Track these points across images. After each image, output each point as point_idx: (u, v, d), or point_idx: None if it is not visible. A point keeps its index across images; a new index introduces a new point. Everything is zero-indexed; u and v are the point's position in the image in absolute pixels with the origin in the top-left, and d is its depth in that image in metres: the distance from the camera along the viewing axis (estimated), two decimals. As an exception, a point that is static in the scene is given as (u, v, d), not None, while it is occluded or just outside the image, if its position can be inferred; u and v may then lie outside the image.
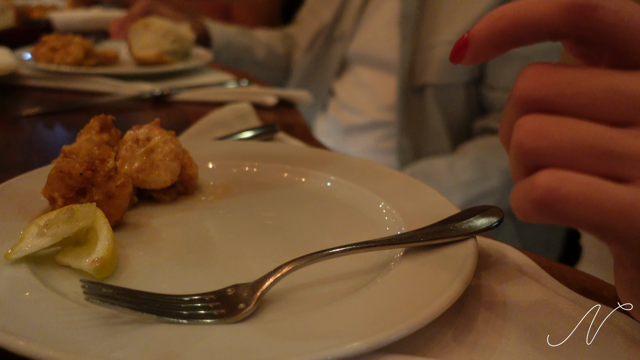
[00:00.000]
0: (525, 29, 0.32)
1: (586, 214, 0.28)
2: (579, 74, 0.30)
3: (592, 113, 0.29)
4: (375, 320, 0.37)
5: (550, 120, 0.30)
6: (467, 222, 0.48)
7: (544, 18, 0.31)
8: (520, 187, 0.30)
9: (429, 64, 1.39)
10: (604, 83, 0.29)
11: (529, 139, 0.30)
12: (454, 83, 1.39)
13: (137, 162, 0.56)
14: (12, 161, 0.76)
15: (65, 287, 0.42)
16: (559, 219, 0.29)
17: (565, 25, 0.31)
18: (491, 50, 0.34)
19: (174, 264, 0.47)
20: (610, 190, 0.28)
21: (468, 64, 0.35)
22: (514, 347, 0.38)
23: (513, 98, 0.32)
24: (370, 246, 0.45)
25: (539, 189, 0.28)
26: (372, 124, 1.52)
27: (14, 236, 0.46)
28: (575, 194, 0.28)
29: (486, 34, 0.33)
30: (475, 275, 0.46)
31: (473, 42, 0.34)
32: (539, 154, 0.29)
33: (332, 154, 0.70)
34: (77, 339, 0.35)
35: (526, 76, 0.31)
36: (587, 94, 0.29)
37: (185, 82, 1.18)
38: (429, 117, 1.42)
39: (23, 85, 1.14)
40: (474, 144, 1.36)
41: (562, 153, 0.29)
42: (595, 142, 0.29)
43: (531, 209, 0.29)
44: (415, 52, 1.41)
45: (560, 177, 0.28)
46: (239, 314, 0.38)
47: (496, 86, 1.37)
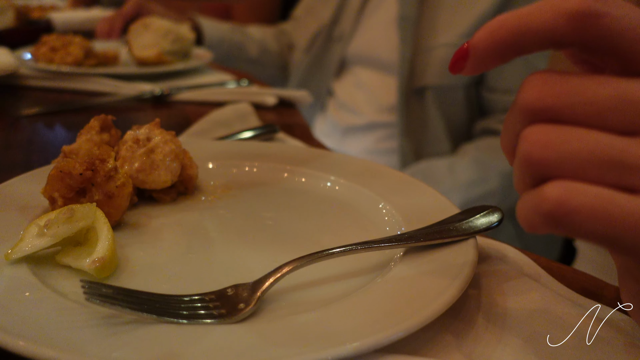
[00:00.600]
0: (528, 38, 0.31)
1: (598, 226, 0.27)
2: (585, 82, 0.29)
3: (600, 122, 0.29)
4: (375, 321, 0.37)
5: (557, 130, 0.29)
6: (467, 222, 0.48)
7: (547, 27, 0.30)
8: (527, 199, 0.30)
9: (428, 65, 1.39)
10: (612, 91, 0.29)
11: (536, 150, 0.29)
12: (453, 85, 1.39)
13: (137, 162, 0.56)
14: (12, 161, 0.77)
15: (65, 287, 0.42)
16: (569, 231, 0.28)
17: (570, 34, 0.30)
18: (492, 61, 0.33)
19: (174, 264, 0.47)
20: (621, 202, 0.27)
21: (468, 74, 0.34)
22: (514, 347, 0.38)
23: (517, 107, 0.31)
24: (370, 246, 0.45)
25: (549, 201, 0.28)
26: (371, 124, 1.52)
27: (14, 236, 0.46)
28: (587, 206, 0.27)
29: (487, 44, 0.32)
30: (475, 275, 0.46)
31: (473, 52, 0.33)
32: (547, 165, 0.29)
33: (332, 154, 0.70)
34: (77, 339, 0.35)
35: (531, 85, 0.30)
36: (595, 103, 0.29)
37: (185, 82, 1.18)
38: (429, 118, 1.42)
39: (23, 85, 1.14)
40: (474, 145, 1.36)
41: (571, 164, 0.28)
42: (604, 152, 0.28)
43: (540, 221, 0.29)
44: (415, 54, 1.41)
45: (570, 188, 0.28)
46: (239, 314, 0.38)
47: (496, 88, 1.37)
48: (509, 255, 0.49)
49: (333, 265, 0.45)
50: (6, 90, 1.11)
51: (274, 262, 0.43)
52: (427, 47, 1.39)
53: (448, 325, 0.40)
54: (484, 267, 0.48)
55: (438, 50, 1.38)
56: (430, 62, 1.39)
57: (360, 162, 0.66)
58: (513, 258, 0.49)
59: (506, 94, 1.35)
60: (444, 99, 1.40)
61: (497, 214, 0.48)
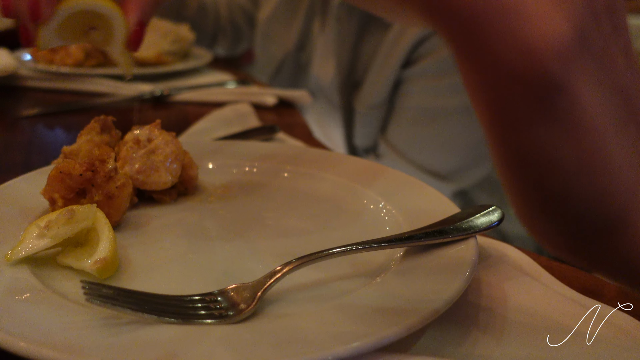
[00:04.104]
0: None
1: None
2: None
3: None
4: (376, 320, 0.37)
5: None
6: (467, 222, 0.48)
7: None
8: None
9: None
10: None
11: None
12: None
13: (137, 163, 0.56)
14: (12, 162, 0.77)
15: (65, 288, 0.42)
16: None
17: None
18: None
19: (174, 264, 0.47)
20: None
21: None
22: (514, 346, 0.38)
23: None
24: (370, 246, 0.45)
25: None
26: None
27: (15, 237, 0.47)
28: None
29: None
30: (475, 275, 0.46)
31: None
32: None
33: (332, 154, 0.70)
34: (77, 339, 0.35)
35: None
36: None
37: (185, 82, 1.18)
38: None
39: (23, 86, 1.14)
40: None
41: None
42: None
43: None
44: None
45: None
46: (239, 314, 0.38)
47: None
48: (509, 254, 0.49)
49: (333, 265, 0.45)
50: (6, 91, 1.11)
51: (274, 262, 0.43)
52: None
53: (448, 325, 0.40)
54: (484, 267, 0.48)
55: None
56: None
57: (361, 162, 0.66)
58: (513, 257, 0.49)
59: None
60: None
61: (497, 214, 0.48)
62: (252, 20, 1.66)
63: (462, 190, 1.37)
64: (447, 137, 1.25)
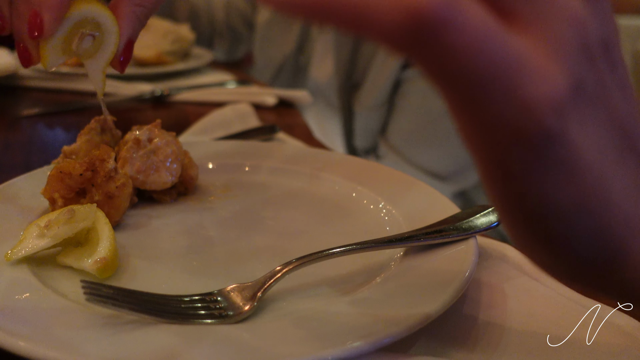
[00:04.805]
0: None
1: (473, 60, 0.21)
2: None
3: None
4: (375, 320, 0.37)
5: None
6: (467, 222, 0.48)
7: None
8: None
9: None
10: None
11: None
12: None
13: (137, 164, 0.56)
14: (12, 162, 0.77)
15: (65, 288, 0.42)
16: (421, 52, 0.21)
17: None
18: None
19: (174, 264, 0.47)
20: (505, 39, 0.22)
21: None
22: (514, 347, 0.38)
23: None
24: (370, 246, 0.45)
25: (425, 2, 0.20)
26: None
27: (15, 237, 0.47)
28: (469, 30, 0.21)
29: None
30: (475, 275, 0.46)
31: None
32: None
33: (332, 154, 0.70)
34: (77, 339, 0.35)
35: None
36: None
37: (185, 83, 1.18)
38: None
39: (23, 85, 1.14)
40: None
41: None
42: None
43: (395, 24, 0.21)
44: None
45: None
46: (239, 314, 0.38)
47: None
48: (509, 254, 0.49)
49: (333, 265, 0.45)
50: (6, 90, 1.11)
51: (274, 262, 0.43)
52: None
53: (448, 325, 0.40)
54: (484, 267, 0.48)
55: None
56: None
57: (361, 162, 0.66)
58: (513, 258, 0.49)
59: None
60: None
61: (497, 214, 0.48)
62: (251, 24, 1.66)
63: (462, 190, 1.37)
64: (447, 138, 1.25)
